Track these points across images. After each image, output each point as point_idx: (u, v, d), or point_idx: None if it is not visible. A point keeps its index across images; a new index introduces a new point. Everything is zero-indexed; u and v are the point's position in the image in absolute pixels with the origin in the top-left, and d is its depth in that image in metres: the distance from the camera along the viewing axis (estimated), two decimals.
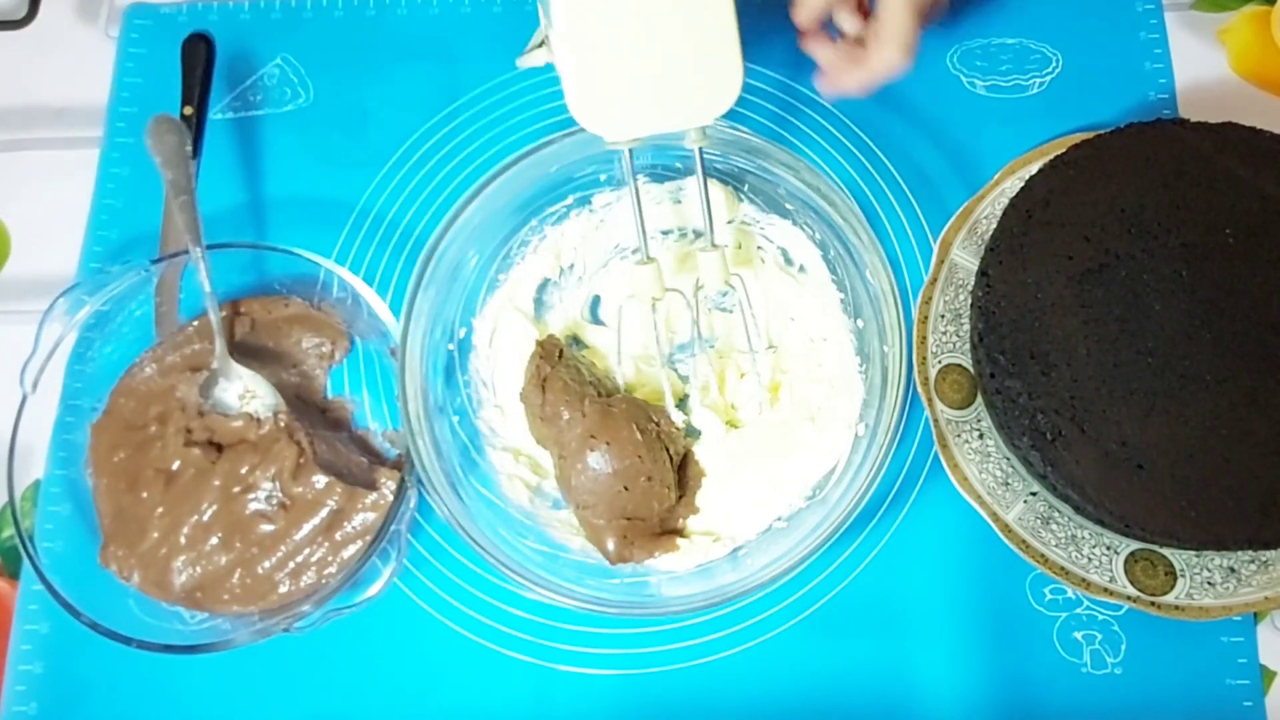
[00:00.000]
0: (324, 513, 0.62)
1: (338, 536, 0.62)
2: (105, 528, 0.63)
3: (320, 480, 0.62)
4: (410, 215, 0.71)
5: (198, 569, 0.61)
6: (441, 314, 0.64)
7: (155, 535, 0.62)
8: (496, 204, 0.64)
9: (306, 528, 0.62)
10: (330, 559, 0.62)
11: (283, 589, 0.61)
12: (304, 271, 0.67)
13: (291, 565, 0.62)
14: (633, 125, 0.55)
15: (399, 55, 0.75)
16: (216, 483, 0.62)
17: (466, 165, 0.72)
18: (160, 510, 0.62)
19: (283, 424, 0.64)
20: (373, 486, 0.62)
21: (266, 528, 0.62)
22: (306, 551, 0.62)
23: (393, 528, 0.61)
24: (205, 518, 0.62)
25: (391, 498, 0.61)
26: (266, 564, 0.61)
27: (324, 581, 0.61)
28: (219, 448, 0.64)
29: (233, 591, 0.61)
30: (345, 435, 0.66)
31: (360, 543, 0.62)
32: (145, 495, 0.62)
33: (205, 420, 0.65)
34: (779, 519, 0.62)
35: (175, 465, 0.63)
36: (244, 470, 0.62)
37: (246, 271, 0.69)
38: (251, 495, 0.62)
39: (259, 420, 0.64)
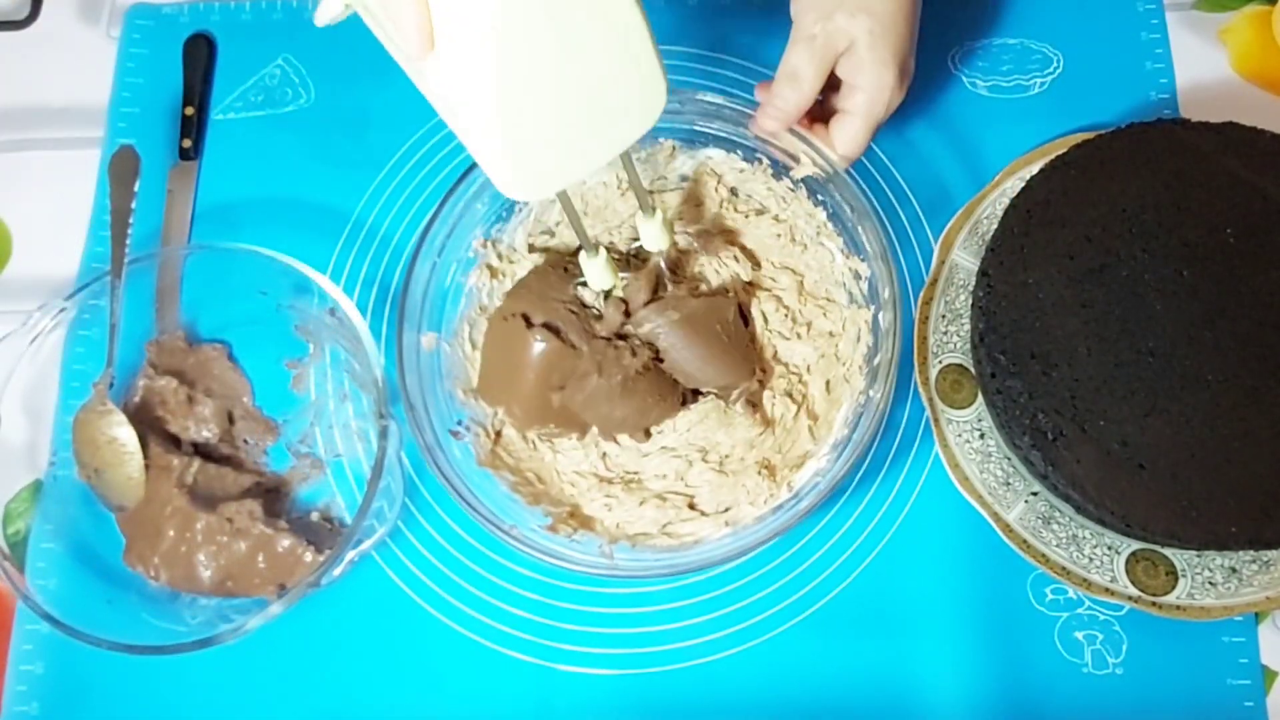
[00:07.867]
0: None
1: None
2: (122, 529, 0.63)
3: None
4: (410, 217, 0.71)
5: (222, 560, 0.62)
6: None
7: (171, 534, 0.62)
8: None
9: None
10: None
11: (307, 558, 0.62)
12: (282, 274, 0.65)
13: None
14: (564, 174, 0.49)
15: None
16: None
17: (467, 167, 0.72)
18: (170, 510, 0.62)
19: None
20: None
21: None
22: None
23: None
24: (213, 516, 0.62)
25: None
26: (285, 541, 0.62)
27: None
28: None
29: (262, 574, 0.62)
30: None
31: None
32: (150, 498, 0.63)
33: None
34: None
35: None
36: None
37: (219, 276, 0.68)
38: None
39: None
